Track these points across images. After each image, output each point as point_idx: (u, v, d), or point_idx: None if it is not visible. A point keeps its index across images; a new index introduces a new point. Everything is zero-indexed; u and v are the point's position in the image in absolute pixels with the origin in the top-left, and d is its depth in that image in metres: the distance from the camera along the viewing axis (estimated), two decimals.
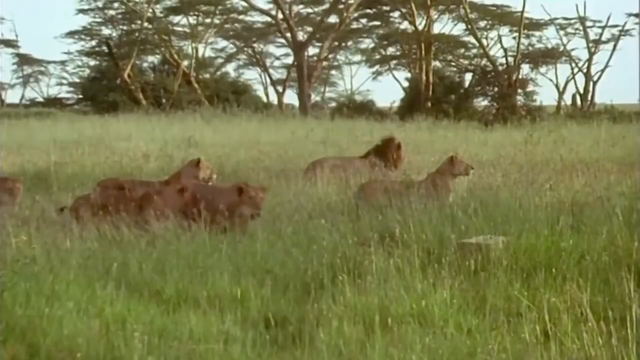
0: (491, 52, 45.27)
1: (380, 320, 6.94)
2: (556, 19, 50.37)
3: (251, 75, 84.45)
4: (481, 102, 43.18)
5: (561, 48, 50.30)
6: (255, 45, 55.45)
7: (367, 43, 53.37)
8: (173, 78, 46.62)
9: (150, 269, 8.40)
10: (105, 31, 51.07)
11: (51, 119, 36.10)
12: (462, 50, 47.86)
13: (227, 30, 53.61)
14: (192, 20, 50.99)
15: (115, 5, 50.08)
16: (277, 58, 57.58)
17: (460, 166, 12.65)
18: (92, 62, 51.51)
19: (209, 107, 42.21)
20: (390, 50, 51.31)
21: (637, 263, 8.21)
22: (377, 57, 52.43)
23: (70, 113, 44.49)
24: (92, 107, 46.12)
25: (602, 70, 49.85)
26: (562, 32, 50.77)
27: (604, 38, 50.30)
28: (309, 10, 51.55)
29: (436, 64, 46.08)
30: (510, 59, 43.77)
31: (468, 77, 44.68)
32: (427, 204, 10.70)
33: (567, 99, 50.41)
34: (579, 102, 49.24)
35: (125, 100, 44.24)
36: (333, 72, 62.06)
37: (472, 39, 46.22)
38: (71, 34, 52.06)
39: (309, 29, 49.90)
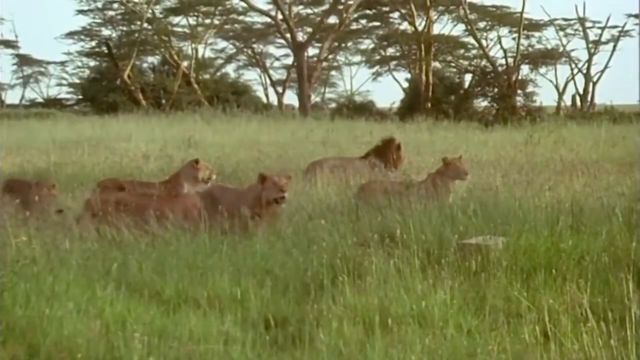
0: (491, 53, 45.39)
1: (380, 321, 6.93)
2: (556, 19, 50.54)
3: (251, 76, 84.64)
4: (481, 103, 43.32)
5: (561, 49, 50.41)
6: (255, 46, 55.58)
7: (367, 44, 53.55)
8: (173, 79, 46.64)
9: (150, 270, 8.39)
10: (105, 32, 51.25)
11: (51, 120, 36.09)
12: (462, 51, 47.97)
13: (226, 31, 53.68)
14: (191, 21, 51.12)
15: (115, 6, 50.21)
16: (277, 59, 57.78)
17: (456, 171, 12.50)
18: (92, 63, 51.66)
19: (208, 107, 42.23)
20: (390, 51, 51.45)
21: (636, 264, 8.21)
22: (377, 57, 52.55)
23: (70, 114, 44.47)
24: (92, 107, 46.18)
25: (602, 71, 50.03)
26: (561, 33, 50.93)
27: (603, 39, 50.47)
28: (309, 11, 51.68)
29: (436, 64, 46.19)
30: (510, 60, 43.86)
31: (468, 77, 44.86)
32: (427, 205, 10.68)
33: (567, 100, 50.57)
34: (578, 102, 49.33)
35: (125, 101, 44.27)
36: (333, 72, 62.24)
37: (471, 40, 46.33)
38: (71, 34, 52.21)
39: (309, 29, 49.94)
